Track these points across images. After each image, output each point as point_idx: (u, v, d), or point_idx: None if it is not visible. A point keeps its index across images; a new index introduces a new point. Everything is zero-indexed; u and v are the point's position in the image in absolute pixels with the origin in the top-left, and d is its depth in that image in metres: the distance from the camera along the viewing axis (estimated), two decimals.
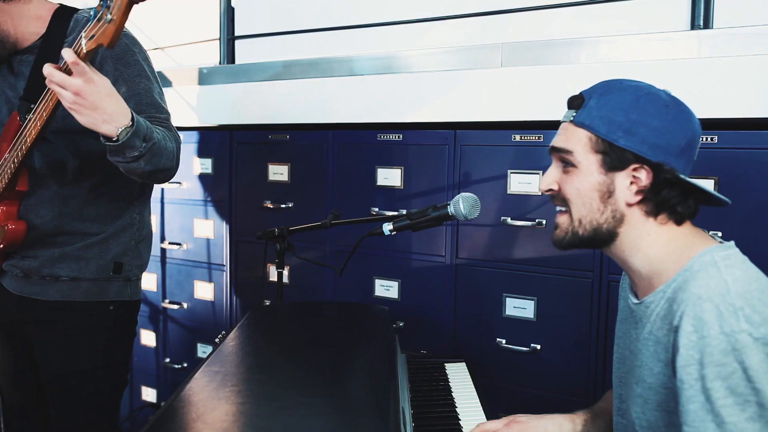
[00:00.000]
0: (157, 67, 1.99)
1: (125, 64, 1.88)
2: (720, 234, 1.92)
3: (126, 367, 2.15)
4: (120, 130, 1.62)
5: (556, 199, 1.38)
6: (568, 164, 1.33)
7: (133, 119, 1.64)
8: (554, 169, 1.37)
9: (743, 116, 1.93)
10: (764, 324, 1.11)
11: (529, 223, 2.24)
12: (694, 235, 1.31)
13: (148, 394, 3.27)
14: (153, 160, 1.74)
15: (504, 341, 2.32)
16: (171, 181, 3.00)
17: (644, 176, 1.27)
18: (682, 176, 1.26)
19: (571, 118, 1.33)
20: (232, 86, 2.88)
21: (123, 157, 1.69)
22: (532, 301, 2.27)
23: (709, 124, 1.96)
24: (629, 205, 1.30)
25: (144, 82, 1.92)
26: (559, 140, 1.35)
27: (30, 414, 2.15)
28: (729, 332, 1.10)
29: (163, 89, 2.03)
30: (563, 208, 1.37)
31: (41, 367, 2.02)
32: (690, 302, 1.16)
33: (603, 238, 1.33)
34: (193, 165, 3.01)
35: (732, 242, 1.29)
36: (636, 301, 1.35)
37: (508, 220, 2.27)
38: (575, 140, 1.32)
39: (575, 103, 1.34)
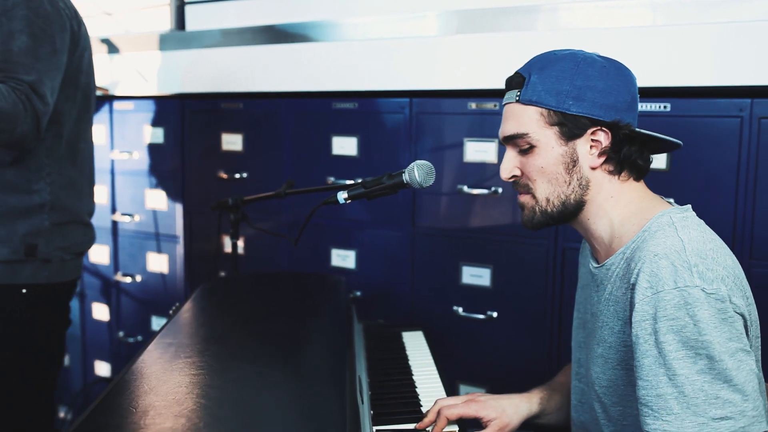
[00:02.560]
0: (104, 34, 1.92)
1: (9, 18, 1.79)
2: (672, 200, 1.94)
3: (51, 357, 2.05)
4: None
5: (518, 184, 1.37)
6: (525, 146, 1.33)
7: None
8: (511, 154, 1.37)
9: (696, 84, 1.94)
10: (716, 280, 1.13)
11: (485, 192, 2.24)
12: (653, 199, 1.35)
13: (102, 369, 3.22)
14: None
15: (461, 309, 2.33)
16: (122, 150, 2.96)
17: (603, 137, 1.29)
18: (638, 129, 1.29)
19: (516, 98, 1.33)
20: (182, 53, 2.81)
21: None
22: (488, 269, 2.28)
23: (663, 93, 1.97)
24: (593, 168, 1.32)
25: (25, 40, 1.80)
26: (509, 127, 1.35)
27: None
28: (682, 287, 1.13)
29: (112, 56, 1.96)
30: (525, 191, 1.37)
31: None
32: (647, 260, 1.18)
33: (572, 210, 1.34)
34: (143, 135, 2.95)
35: (689, 206, 1.32)
36: (597, 265, 1.37)
37: (465, 188, 2.27)
38: (527, 120, 1.31)
39: (516, 82, 1.34)
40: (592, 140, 1.30)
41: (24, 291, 1.92)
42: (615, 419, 1.33)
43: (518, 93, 1.32)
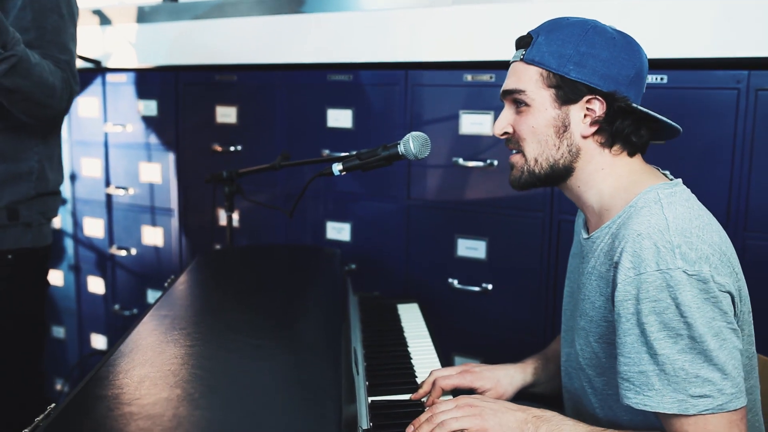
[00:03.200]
0: (96, 5, 1.91)
1: None
2: (668, 173, 1.94)
3: (38, 318, 2.07)
4: None
5: (510, 142, 1.38)
6: (521, 104, 1.33)
7: None
8: (507, 112, 1.37)
9: (693, 56, 1.93)
10: (699, 261, 1.14)
11: (480, 164, 2.24)
12: (645, 172, 1.33)
13: (98, 342, 3.23)
14: (14, 78, 1.68)
15: (456, 282, 2.33)
16: (115, 122, 2.94)
17: (598, 107, 1.29)
18: (635, 105, 1.28)
19: (521, 57, 1.33)
20: (175, 24, 2.78)
21: None
22: (484, 242, 2.28)
23: (659, 65, 1.96)
24: (584, 137, 1.31)
25: (55, 19, 1.84)
26: (509, 82, 1.35)
27: None
28: (665, 269, 1.13)
29: (104, 27, 1.95)
30: (517, 150, 1.37)
31: None
32: (630, 239, 1.18)
33: (560, 175, 1.34)
34: (137, 107, 2.92)
35: (679, 180, 1.32)
36: (586, 236, 1.37)
37: (460, 160, 2.26)
38: (526, 79, 1.32)
39: (524, 42, 1.35)
40: (587, 108, 1.29)
41: (10, 257, 1.94)
42: (599, 389, 1.34)
43: (524, 52, 1.32)
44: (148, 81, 2.90)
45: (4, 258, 1.92)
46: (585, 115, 1.30)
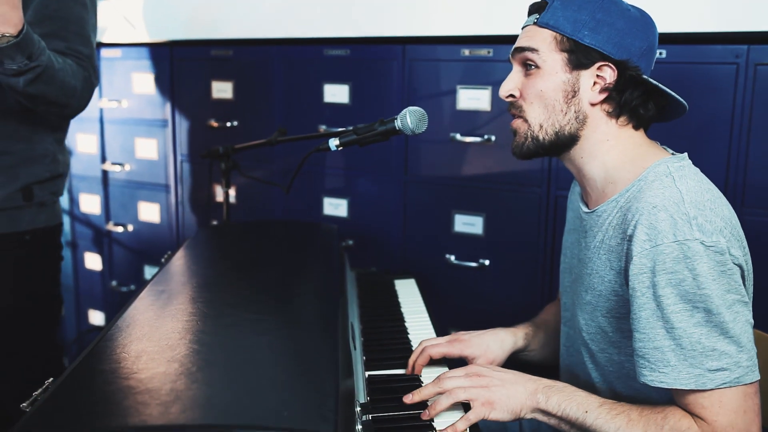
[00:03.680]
0: None
1: None
2: (667, 148, 1.93)
3: (55, 294, 2.09)
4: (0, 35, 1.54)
5: (514, 106, 1.35)
6: (530, 66, 1.31)
7: (21, 32, 1.56)
8: (516, 74, 1.35)
9: (692, 30, 1.92)
10: (715, 233, 1.13)
11: (478, 140, 2.23)
12: (650, 146, 1.33)
13: (96, 318, 3.23)
14: (38, 86, 1.68)
15: (453, 257, 2.33)
16: (110, 98, 2.92)
17: (609, 74, 1.27)
18: (645, 77, 1.27)
19: (534, 21, 1.31)
20: None
21: (0, 67, 1.62)
22: (481, 218, 2.28)
23: (659, 39, 1.95)
24: (592, 104, 1.29)
25: (79, 9, 1.84)
26: (522, 41, 1.33)
27: None
28: (682, 240, 1.12)
29: (99, 2, 1.93)
30: (519, 115, 1.35)
31: None
32: (645, 211, 1.17)
33: (564, 143, 1.32)
34: (132, 83, 2.90)
35: (685, 154, 1.31)
36: (587, 210, 1.36)
37: (458, 136, 2.26)
38: (539, 40, 1.30)
39: (538, 6, 1.33)
40: (597, 75, 1.28)
41: (27, 237, 1.95)
42: (601, 365, 1.34)
43: (538, 16, 1.31)
44: (143, 56, 2.88)
45: (21, 239, 1.94)
46: (595, 83, 1.28)
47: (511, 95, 1.35)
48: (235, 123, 2.69)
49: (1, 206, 1.88)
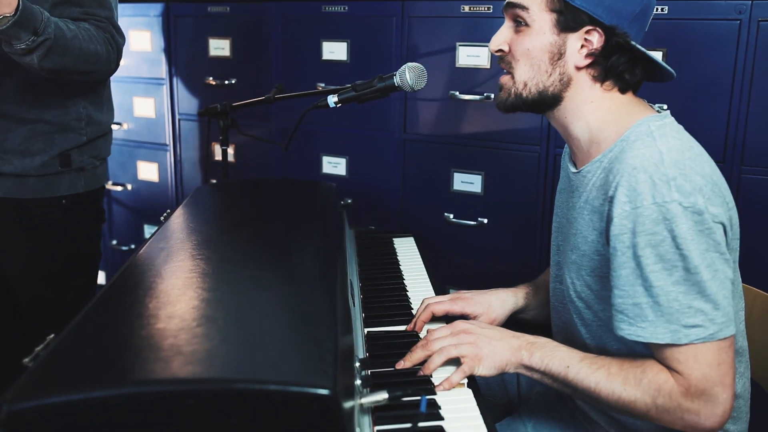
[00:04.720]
0: None
1: None
2: (666, 107, 1.92)
3: (94, 255, 2.12)
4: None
5: (503, 61, 1.36)
6: (520, 24, 1.30)
7: (17, 10, 1.53)
8: (506, 29, 1.34)
9: None
10: (694, 193, 1.14)
11: (477, 97, 2.21)
12: (634, 104, 1.32)
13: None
14: (54, 58, 1.66)
15: (452, 216, 2.34)
16: None
17: (596, 39, 1.26)
18: (633, 43, 1.26)
19: None
20: None
21: (11, 48, 1.61)
22: (480, 176, 2.28)
23: None
24: (578, 68, 1.29)
25: None
26: None
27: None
28: (661, 202, 1.13)
29: None
30: (508, 70, 1.35)
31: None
32: (625, 173, 1.18)
33: (547, 102, 1.32)
34: (129, 40, 2.87)
35: (668, 111, 1.31)
36: (574, 170, 1.37)
37: (457, 94, 2.24)
38: None
39: None
40: (585, 39, 1.27)
41: (64, 201, 1.95)
42: (589, 322, 1.36)
43: None
44: (139, 13, 2.84)
45: (58, 203, 1.94)
46: (582, 46, 1.27)
47: (500, 50, 1.34)
48: (233, 81, 2.67)
49: (39, 173, 1.89)
